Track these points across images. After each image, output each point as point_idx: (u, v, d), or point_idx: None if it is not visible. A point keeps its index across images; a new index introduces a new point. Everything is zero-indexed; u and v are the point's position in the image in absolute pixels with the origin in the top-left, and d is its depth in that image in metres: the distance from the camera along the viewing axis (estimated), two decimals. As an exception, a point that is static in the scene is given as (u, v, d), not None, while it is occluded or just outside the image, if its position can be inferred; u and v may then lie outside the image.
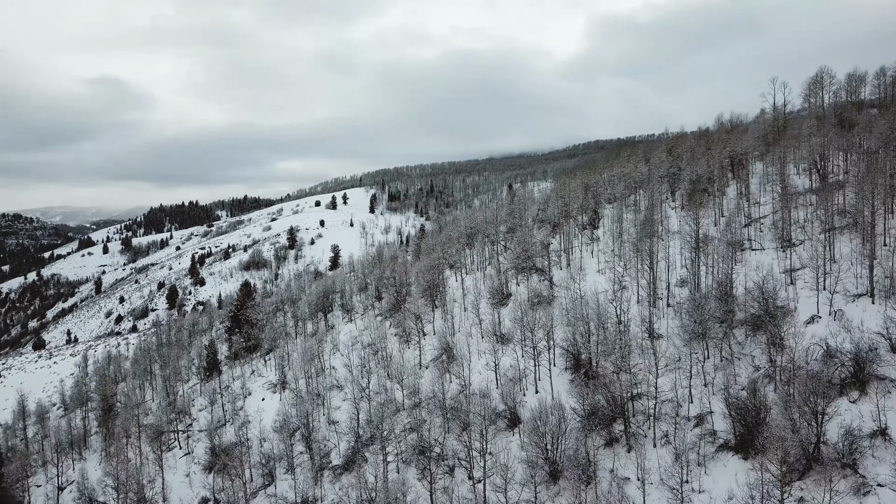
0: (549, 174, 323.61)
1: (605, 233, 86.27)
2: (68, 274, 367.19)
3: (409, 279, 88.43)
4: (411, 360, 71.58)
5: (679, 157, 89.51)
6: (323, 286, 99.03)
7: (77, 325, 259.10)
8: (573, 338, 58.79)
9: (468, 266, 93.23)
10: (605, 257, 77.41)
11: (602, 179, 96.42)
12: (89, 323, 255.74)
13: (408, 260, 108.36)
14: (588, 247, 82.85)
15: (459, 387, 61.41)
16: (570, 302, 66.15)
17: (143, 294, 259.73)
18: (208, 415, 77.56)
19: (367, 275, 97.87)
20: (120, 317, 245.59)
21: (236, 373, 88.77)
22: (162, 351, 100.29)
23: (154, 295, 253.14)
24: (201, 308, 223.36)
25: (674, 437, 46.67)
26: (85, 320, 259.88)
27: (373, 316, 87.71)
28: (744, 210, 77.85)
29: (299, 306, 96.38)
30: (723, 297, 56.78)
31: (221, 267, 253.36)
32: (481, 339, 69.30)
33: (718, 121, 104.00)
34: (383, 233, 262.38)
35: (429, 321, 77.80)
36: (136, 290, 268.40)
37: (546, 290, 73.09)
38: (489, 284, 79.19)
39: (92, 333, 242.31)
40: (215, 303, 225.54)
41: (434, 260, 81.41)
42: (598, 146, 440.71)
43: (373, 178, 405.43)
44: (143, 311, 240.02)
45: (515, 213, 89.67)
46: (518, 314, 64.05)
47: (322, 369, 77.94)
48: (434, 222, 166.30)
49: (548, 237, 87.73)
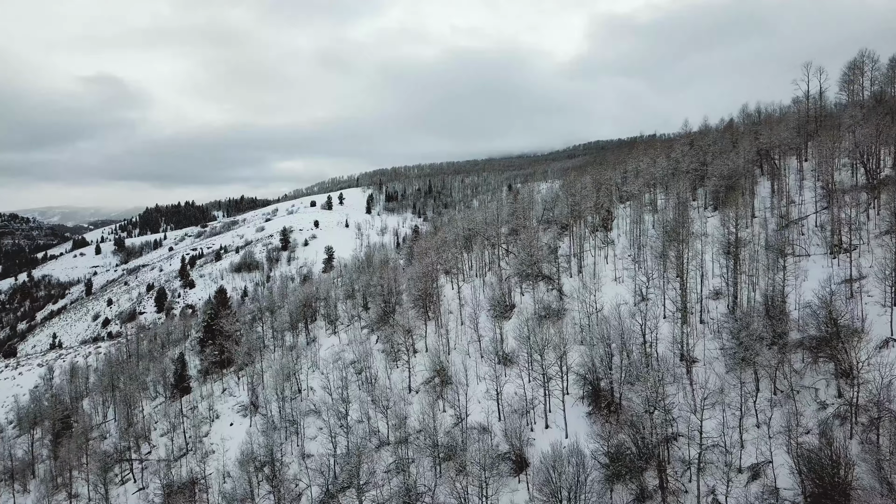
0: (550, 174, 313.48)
1: (619, 235, 76.05)
2: (59, 275, 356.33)
3: (400, 287, 78.16)
4: (399, 382, 61.32)
5: (704, 150, 79.18)
6: (304, 294, 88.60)
7: (64, 328, 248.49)
8: (591, 361, 48.56)
9: (466, 272, 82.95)
10: (622, 263, 67.16)
11: (614, 176, 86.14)
12: (76, 326, 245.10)
13: (400, 264, 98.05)
14: (601, 251, 72.60)
15: (454, 418, 51.20)
16: (585, 316, 55.95)
17: (132, 296, 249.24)
18: (170, 441, 67.30)
19: (355, 281, 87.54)
20: (107, 320, 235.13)
21: (206, 391, 78.49)
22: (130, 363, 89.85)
23: (142, 297, 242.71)
24: (190, 312, 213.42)
25: (724, 494, 36.45)
26: (71, 323, 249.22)
27: (358, 328, 77.36)
28: (779, 210, 67.73)
29: (278, 316, 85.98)
30: (771, 313, 46.61)
31: (212, 269, 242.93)
32: (480, 358, 59.06)
33: (743, 112, 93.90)
34: (379, 234, 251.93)
35: (420, 336, 67.56)
36: (124, 293, 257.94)
37: (555, 301, 62.87)
38: (490, 294, 69.01)
39: (78, 337, 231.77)
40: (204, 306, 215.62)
41: (427, 266, 71.22)
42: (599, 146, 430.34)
43: (370, 179, 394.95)
44: (130, 314, 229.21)
45: (518, 213, 79.42)
46: (524, 331, 53.86)
47: (298, 390, 67.69)
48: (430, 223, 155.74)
49: (555, 240, 77.48)
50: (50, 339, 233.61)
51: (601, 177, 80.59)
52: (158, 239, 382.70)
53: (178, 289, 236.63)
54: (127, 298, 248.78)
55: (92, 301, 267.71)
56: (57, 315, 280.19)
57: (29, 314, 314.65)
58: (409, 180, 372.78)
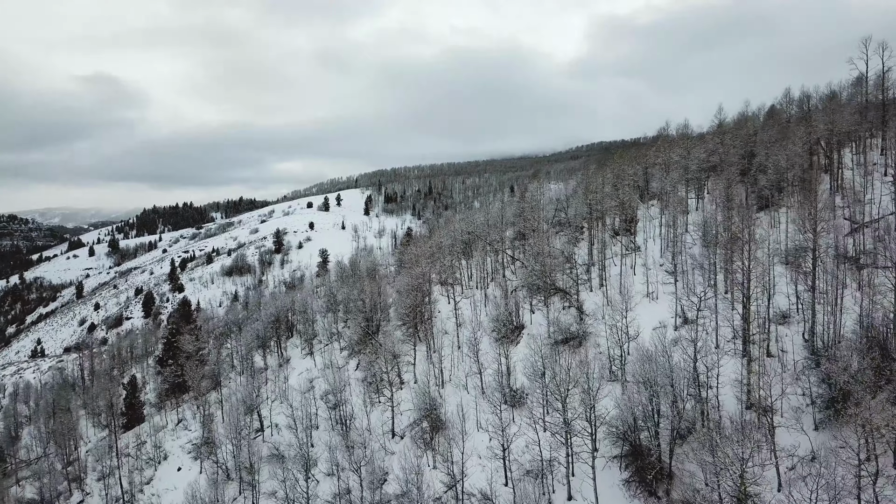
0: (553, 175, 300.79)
1: (646, 240, 63.33)
2: (52, 277, 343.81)
3: (387, 300, 65.55)
4: (380, 424, 48.67)
5: (746, 140, 66.26)
6: (276, 307, 75.74)
7: (49, 333, 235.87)
8: (628, 412, 35.96)
9: (465, 283, 70.13)
10: (654, 275, 54.43)
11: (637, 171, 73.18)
12: (61, 331, 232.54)
13: (391, 272, 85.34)
14: (626, 259, 59.85)
15: (448, 479, 38.63)
16: (615, 344, 43.27)
17: (120, 301, 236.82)
18: (105, 489, 54.73)
19: (337, 291, 74.75)
20: (93, 325, 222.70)
21: (160, 421, 65.92)
22: (78, 385, 77.19)
23: (130, 302, 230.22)
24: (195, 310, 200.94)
25: None
26: (57, 328, 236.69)
27: (337, 349, 64.60)
28: (842, 211, 55.11)
29: (246, 332, 73.03)
30: (877, 348, 34.05)
31: (203, 272, 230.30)
32: (481, 395, 46.42)
33: (786, 97, 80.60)
34: (376, 236, 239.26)
35: (408, 362, 54.84)
36: (112, 297, 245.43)
37: (574, 322, 50.22)
38: (493, 311, 56.32)
39: (63, 343, 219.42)
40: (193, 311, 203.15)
41: (418, 277, 58.47)
42: (601, 148, 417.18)
43: (369, 180, 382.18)
44: (117, 319, 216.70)
45: (526, 213, 66.57)
46: (536, 363, 41.35)
47: (260, 428, 55.10)
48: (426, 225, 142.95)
49: (570, 246, 64.75)
50: (35, 344, 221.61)
51: (623, 172, 67.83)
52: (153, 241, 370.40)
53: (167, 293, 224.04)
54: (115, 303, 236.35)
55: (79, 305, 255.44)
56: (45, 319, 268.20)
57: (19, 317, 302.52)
58: (409, 181, 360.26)
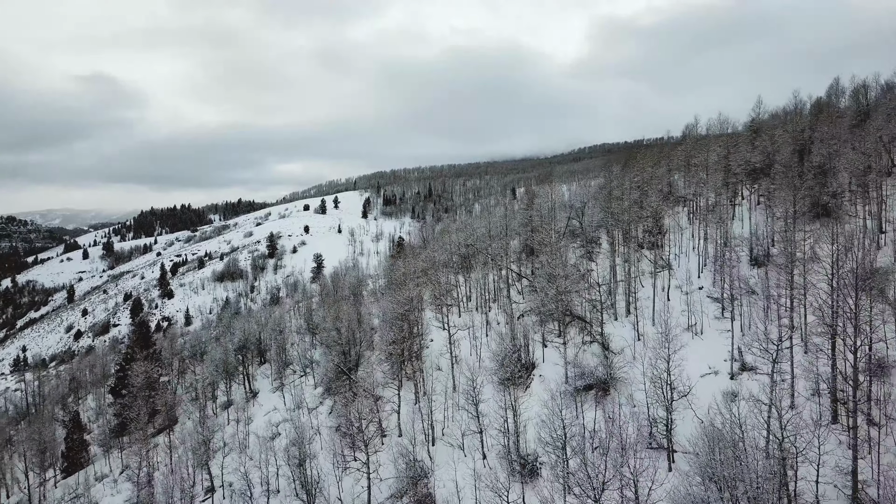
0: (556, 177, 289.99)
1: (677, 256, 52.40)
2: (45, 280, 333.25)
3: (370, 326, 54.60)
4: (353, 495, 37.78)
5: (800, 137, 54.84)
6: (244, 331, 64.34)
7: (35, 340, 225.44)
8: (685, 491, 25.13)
9: (463, 304, 59.11)
10: (693, 301, 43.52)
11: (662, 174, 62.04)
12: (48, 338, 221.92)
13: (381, 286, 74.46)
14: (656, 278, 48.97)
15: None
16: (655, 397, 32.43)
17: (109, 306, 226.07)
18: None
19: (314, 312, 63.41)
20: (79, 332, 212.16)
21: (102, 468, 55.12)
22: (19, 422, 66.47)
23: (119, 308, 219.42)
24: (166, 325, 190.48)
25: None
26: (44, 335, 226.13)
27: (311, 387, 53.68)
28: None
29: (206, 363, 61.70)
30: None
31: (193, 277, 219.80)
32: (482, 461, 35.57)
33: (835, 88, 68.84)
34: (374, 240, 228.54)
35: (392, 409, 43.85)
36: (101, 302, 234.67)
37: (598, 361, 39.37)
38: (496, 345, 45.36)
39: (49, 351, 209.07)
40: (182, 319, 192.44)
41: (404, 303, 47.18)
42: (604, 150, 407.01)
43: (368, 181, 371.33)
44: (104, 326, 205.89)
45: (535, 222, 55.51)
46: (555, 426, 30.58)
47: (211, 489, 44.29)
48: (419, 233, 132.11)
49: (585, 261, 53.83)
50: (19, 351, 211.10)
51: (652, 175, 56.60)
52: (148, 243, 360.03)
53: (156, 299, 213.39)
54: (103, 309, 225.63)
55: (69, 310, 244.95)
56: (35, 324, 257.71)
57: (10, 322, 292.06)
58: (408, 183, 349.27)
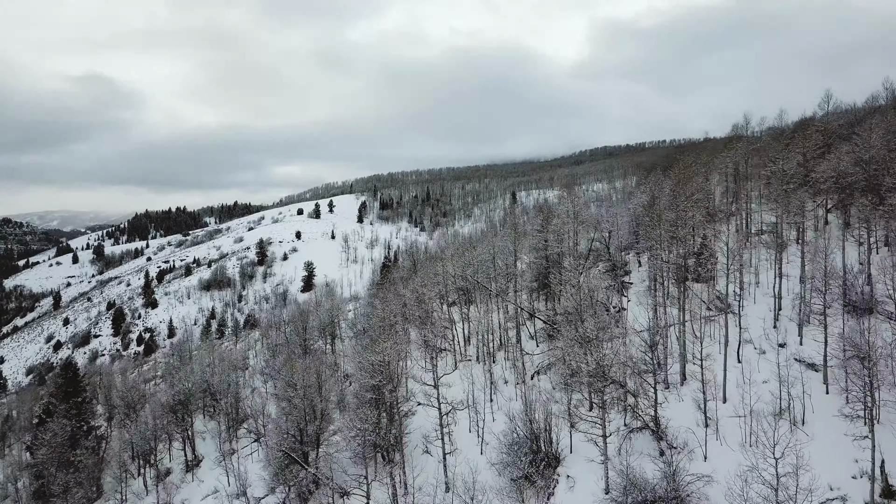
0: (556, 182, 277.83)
1: (737, 294, 40.07)
2: (32, 285, 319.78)
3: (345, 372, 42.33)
4: None
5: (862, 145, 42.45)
6: (187, 381, 50.75)
7: (14, 350, 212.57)
8: None
9: (460, 349, 46.62)
10: (780, 367, 31.25)
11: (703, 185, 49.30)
12: (27, 349, 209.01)
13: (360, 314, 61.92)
14: (712, 324, 36.77)
15: None
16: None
17: (91, 315, 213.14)
18: None
19: (272, 367, 49.39)
20: (59, 343, 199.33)
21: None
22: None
23: (101, 317, 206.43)
24: (147, 335, 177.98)
25: None
26: (23, 345, 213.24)
27: (261, 458, 41.35)
28: None
29: (146, 413, 48.38)
30: None
31: (179, 285, 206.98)
32: None
33: (890, 88, 56.80)
34: (368, 247, 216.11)
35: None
36: (84, 310, 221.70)
37: (658, 468, 27.03)
38: (504, 425, 32.85)
39: (27, 362, 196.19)
40: (165, 330, 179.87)
41: (378, 368, 33.91)
42: (606, 153, 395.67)
43: (364, 185, 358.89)
44: (84, 337, 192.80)
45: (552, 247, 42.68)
46: None
47: None
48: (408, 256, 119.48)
49: (616, 296, 41.49)
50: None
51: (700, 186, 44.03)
52: (140, 247, 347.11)
53: (140, 308, 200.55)
54: (85, 318, 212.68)
55: (50, 318, 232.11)
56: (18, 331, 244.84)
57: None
58: (406, 186, 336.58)
